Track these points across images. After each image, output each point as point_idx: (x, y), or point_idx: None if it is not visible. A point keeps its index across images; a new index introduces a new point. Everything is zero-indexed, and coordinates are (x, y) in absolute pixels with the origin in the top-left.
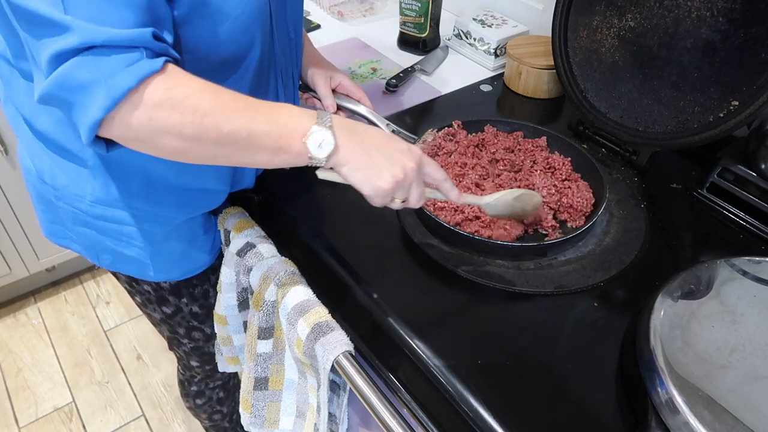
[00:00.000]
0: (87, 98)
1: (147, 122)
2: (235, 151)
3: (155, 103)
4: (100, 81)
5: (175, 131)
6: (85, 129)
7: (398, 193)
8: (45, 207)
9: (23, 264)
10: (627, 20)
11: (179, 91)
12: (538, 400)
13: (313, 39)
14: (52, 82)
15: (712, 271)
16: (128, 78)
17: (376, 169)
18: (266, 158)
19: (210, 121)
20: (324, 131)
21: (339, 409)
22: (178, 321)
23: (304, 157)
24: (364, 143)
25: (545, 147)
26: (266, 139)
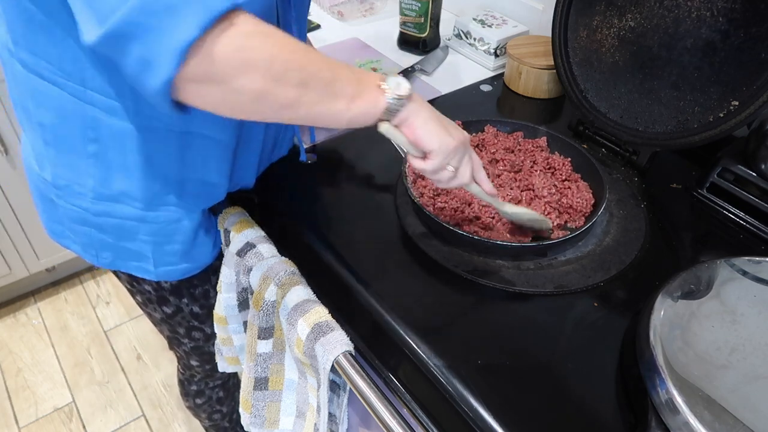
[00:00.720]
0: (177, 18)
1: (236, 53)
2: (316, 95)
3: (246, 32)
4: (193, 1)
5: (263, 66)
6: (172, 56)
7: (456, 158)
8: (46, 206)
9: (23, 264)
10: (627, 20)
11: (265, 27)
12: (538, 400)
13: (313, 39)
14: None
15: (712, 271)
16: (221, 1)
17: (444, 127)
18: (344, 105)
19: (298, 57)
20: (397, 77)
21: (339, 409)
22: (179, 321)
23: (380, 103)
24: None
25: (545, 147)
26: (346, 83)
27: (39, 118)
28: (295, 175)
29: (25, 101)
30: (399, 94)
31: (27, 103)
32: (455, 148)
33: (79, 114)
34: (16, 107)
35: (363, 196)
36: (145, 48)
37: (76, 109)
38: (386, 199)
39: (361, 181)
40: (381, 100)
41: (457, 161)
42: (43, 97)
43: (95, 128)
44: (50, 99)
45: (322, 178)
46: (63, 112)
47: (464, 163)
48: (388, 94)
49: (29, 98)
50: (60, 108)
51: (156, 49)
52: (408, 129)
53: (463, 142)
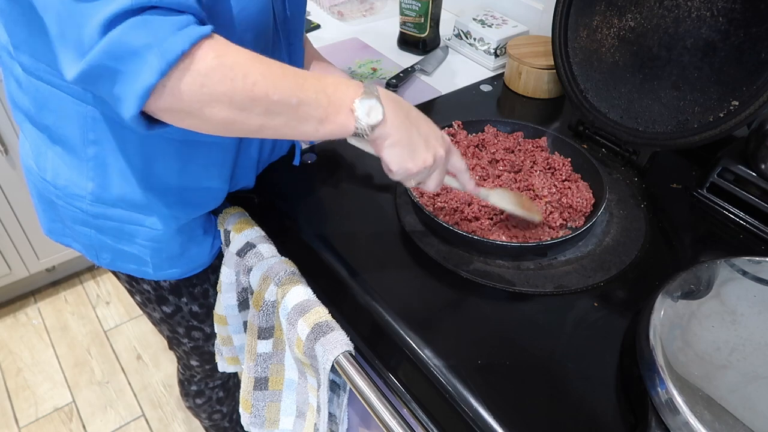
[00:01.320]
0: (138, 64)
1: (198, 89)
2: (283, 121)
3: (207, 69)
4: (153, 45)
5: (226, 99)
6: (136, 98)
7: (420, 176)
8: (46, 206)
9: (23, 264)
10: (627, 20)
11: (230, 58)
12: (538, 400)
13: (313, 39)
14: (100, 52)
15: (712, 271)
16: (181, 41)
17: (411, 149)
18: (312, 128)
19: (261, 88)
20: (372, 100)
21: (339, 409)
22: (178, 320)
23: (350, 127)
24: (408, 120)
25: (545, 147)
26: (315, 108)
27: (40, 119)
28: (295, 175)
29: (25, 103)
30: (370, 123)
31: (27, 105)
32: (416, 172)
33: (79, 116)
34: (15, 108)
35: (363, 196)
36: (114, 88)
37: (76, 112)
38: (386, 199)
39: (361, 181)
40: (350, 125)
41: (420, 178)
42: (44, 99)
43: (95, 131)
44: (51, 101)
45: (322, 178)
46: (64, 114)
47: (430, 178)
48: (359, 122)
49: (30, 100)
50: (61, 110)
51: (121, 90)
52: (375, 147)
53: (429, 166)
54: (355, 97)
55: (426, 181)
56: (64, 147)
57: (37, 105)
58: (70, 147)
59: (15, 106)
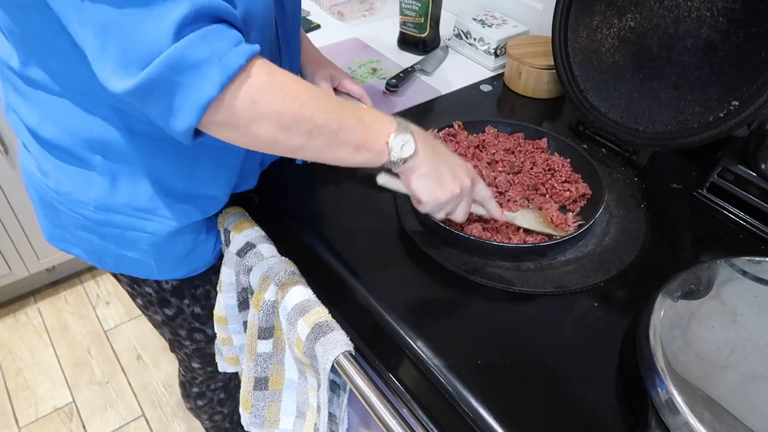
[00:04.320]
0: (199, 78)
1: (250, 106)
2: (322, 144)
3: (260, 86)
4: (214, 59)
5: (274, 118)
6: (195, 110)
7: (449, 206)
8: (47, 211)
9: (23, 264)
10: (627, 20)
11: (279, 78)
12: (538, 400)
13: (313, 39)
14: (161, 65)
15: (712, 271)
16: (239, 56)
17: (440, 180)
18: (348, 154)
19: (307, 110)
20: (407, 135)
21: (339, 409)
22: (180, 323)
23: (383, 157)
24: (435, 153)
25: (545, 148)
26: (353, 134)
27: (43, 133)
28: (295, 175)
29: (27, 115)
30: (402, 156)
31: (30, 117)
32: (445, 201)
33: (86, 128)
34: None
35: (363, 196)
36: (172, 101)
37: (83, 123)
38: (386, 198)
39: (361, 181)
40: (383, 156)
41: (450, 208)
42: (49, 111)
43: (103, 141)
44: (57, 114)
45: (322, 178)
46: (70, 125)
47: (459, 207)
48: (393, 154)
49: (34, 112)
50: (67, 121)
51: (181, 103)
52: (405, 179)
53: (457, 195)
54: (391, 131)
55: (454, 210)
56: (68, 157)
57: (41, 118)
58: (75, 157)
59: (14, 116)
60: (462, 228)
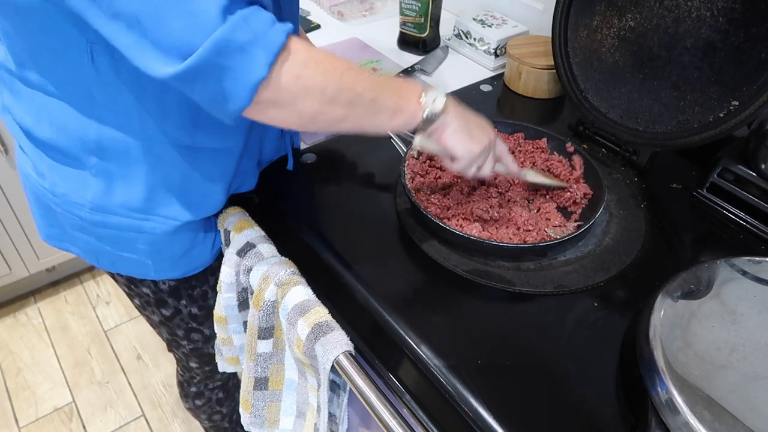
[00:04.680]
0: (246, 59)
1: (295, 81)
2: (362, 111)
3: (302, 61)
4: (256, 40)
5: (318, 90)
6: (247, 91)
7: (480, 159)
8: (44, 212)
9: (23, 264)
10: (627, 20)
11: (317, 52)
12: (538, 400)
13: (313, 39)
14: (207, 49)
15: (712, 271)
16: (279, 34)
17: (470, 133)
18: (386, 119)
19: (347, 80)
20: (436, 91)
21: (339, 409)
22: (177, 323)
23: (417, 117)
24: (461, 109)
25: (545, 148)
26: (389, 99)
27: (38, 133)
28: (295, 174)
29: (23, 116)
30: (434, 111)
31: (26, 118)
32: (479, 153)
33: (82, 128)
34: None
35: (363, 196)
36: (221, 85)
37: (79, 124)
38: (386, 199)
39: (361, 181)
40: (418, 115)
41: (480, 162)
42: (45, 112)
43: (98, 142)
44: (53, 114)
45: (322, 178)
46: (65, 128)
47: (487, 162)
48: (426, 110)
49: (29, 113)
50: (62, 123)
51: (231, 85)
52: (437, 138)
53: (487, 146)
54: (420, 90)
55: (484, 165)
56: (63, 158)
57: (37, 119)
58: (70, 158)
59: (10, 118)
60: (462, 227)
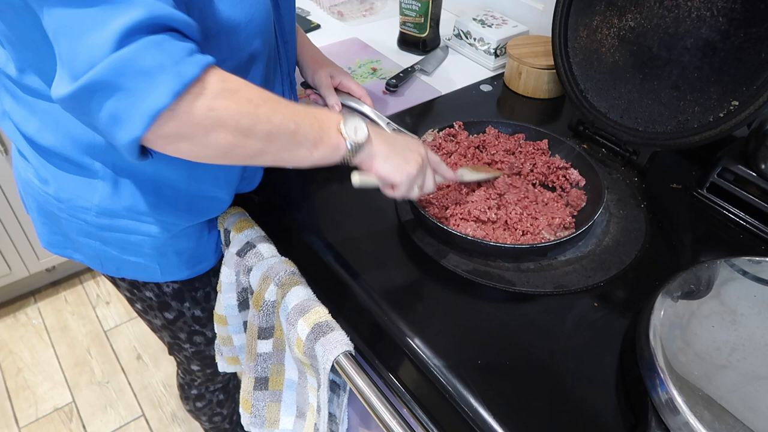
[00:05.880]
0: (149, 84)
1: (206, 113)
2: (280, 145)
3: (215, 93)
4: (167, 67)
5: (232, 123)
6: (143, 118)
7: (419, 178)
8: (46, 219)
9: (23, 264)
10: (627, 20)
11: (232, 83)
12: (538, 400)
13: (313, 39)
14: (107, 67)
15: (712, 271)
16: (194, 65)
17: (401, 157)
18: (307, 152)
19: (263, 112)
20: (355, 119)
21: (339, 409)
22: (180, 326)
23: (341, 149)
24: (384, 135)
25: (546, 150)
26: (309, 131)
27: (42, 139)
28: (295, 175)
29: (25, 123)
30: (356, 141)
31: (28, 124)
32: (416, 174)
33: (87, 133)
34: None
35: (363, 195)
36: (117, 106)
37: (83, 129)
38: (386, 198)
39: None
40: (341, 146)
41: (420, 181)
42: (49, 119)
43: (103, 147)
44: (57, 120)
45: (322, 178)
46: (70, 132)
47: (427, 177)
48: (348, 140)
49: (32, 120)
50: (67, 128)
51: (127, 110)
52: (370, 169)
53: (421, 164)
54: (339, 120)
55: (425, 182)
56: (68, 163)
57: (40, 126)
58: (75, 163)
59: (10, 125)
60: (458, 227)
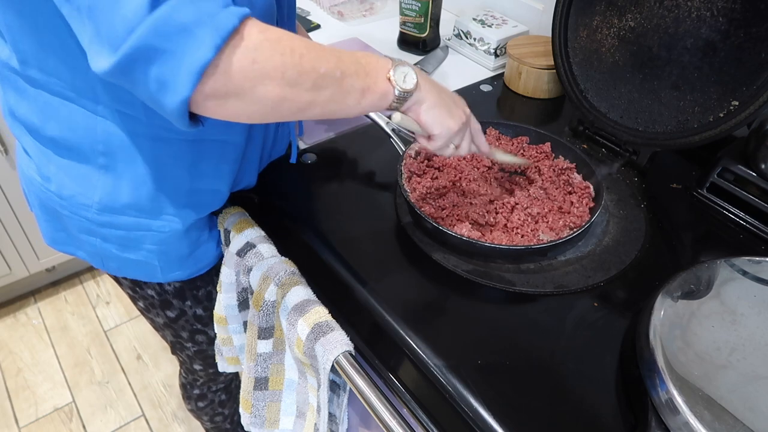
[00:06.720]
0: (190, 41)
1: (250, 66)
2: (329, 95)
3: (256, 45)
4: (203, 21)
5: (278, 74)
6: (189, 76)
7: (457, 138)
8: (49, 216)
9: (23, 264)
10: (627, 20)
11: (272, 33)
12: (538, 400)
13: (313, 39)
14: (146, 31)
15: (712, 271)
16: (231, 17)
17: (447, 109)
18: (355, 100)
19: (308, 61)
20: (405, 67)
21: (339, 409)
22: (182, 324)
23: (389, 96)
24: (434, 84)
25: (549, 153)
26: (356, 78)
27: (45, 132)
28: (295, 175)
29: (28, 116)
30: (406, 88)
31: (31, 118)
32: (457, 131)
33: (89, 127)
34: (13, 121)
35: (363, 195)
36: (161, 70)
37: (86, 123)
38: (386, 198)
39: (361, 181)
40: (389, 94)
41: (458, 140)
42: (52, 111)
43: (106, 141)
44: (59, 113)
45: (322, 178)
46: (73, 126)
47: (465, 139)
48: (396, 88)
49: (35, 113)
50: (70, 121)
51: (172, 71)
52: (414, 114)
53: (465, 122)
54: (389, 66)
55: (462, 142)
56: (70, 158)
57: (44, 117)
58: (77, 158)
59: (14, 119)
60: (454, 227)
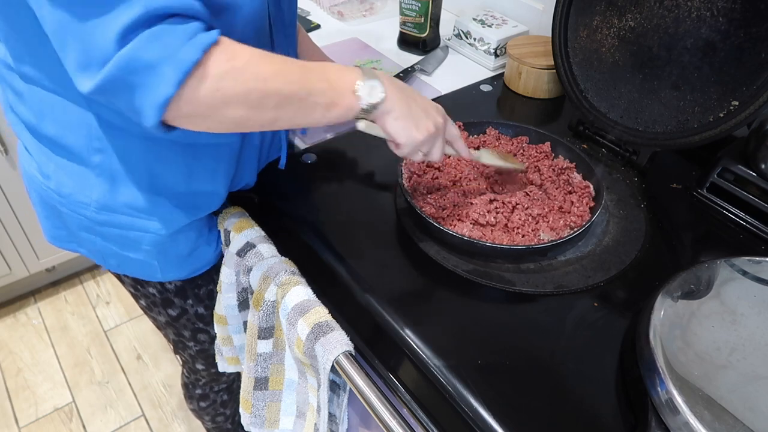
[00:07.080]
0: (154, 77)
1: (214, 94)
2: (293, 111)
3: (220, 74)
4: (167, 57)
5: (241, 100)
6: (154, 109)
7: (425, 146)
8: (49, 213)
9: (23, 264)
10: (627, 20)
11: (239, 61)
12: (538, 400)
13: (313, 39)
14: (115, 66)
15: (712, 271)
16: (193, 51)
17: (414, 120)
18: (320, 114)
19: (272, 85)
20: (373, 81)
21: (339, 409)
22: (184, 323)
23: (354, 108)
24: (405, 94)
25: (549, 153)
26: (321, 96)
27: (42, 130)
28: (295, 175)
29: (26, 114)
30: (372, 102)
31: (29, 115)
32: (422, 141)
33: (84, 124)
34: (14, 118)
35: (363, 195)
36: (132, 99)
37: (81, 119)
38: (386, 198)
39: (361, 181)
40: (354, 107)
41: (426, 149)
42: (48, 108)
43: (101, 138)
44: (55, 110)
45: (322, 178)
46: (67, 123)
47: (435, 147)
48: (362, 102)
49: (32, 111)
50: (65, 119)
51: (141, 101)
52: (380, 123)
53: (433, 133)
54: (356, 79)
55: (431, 151)
56: (67, 156)
57: (40, 115)
58: (74, 156)
59: (14, 117)
60: (455, 227)
